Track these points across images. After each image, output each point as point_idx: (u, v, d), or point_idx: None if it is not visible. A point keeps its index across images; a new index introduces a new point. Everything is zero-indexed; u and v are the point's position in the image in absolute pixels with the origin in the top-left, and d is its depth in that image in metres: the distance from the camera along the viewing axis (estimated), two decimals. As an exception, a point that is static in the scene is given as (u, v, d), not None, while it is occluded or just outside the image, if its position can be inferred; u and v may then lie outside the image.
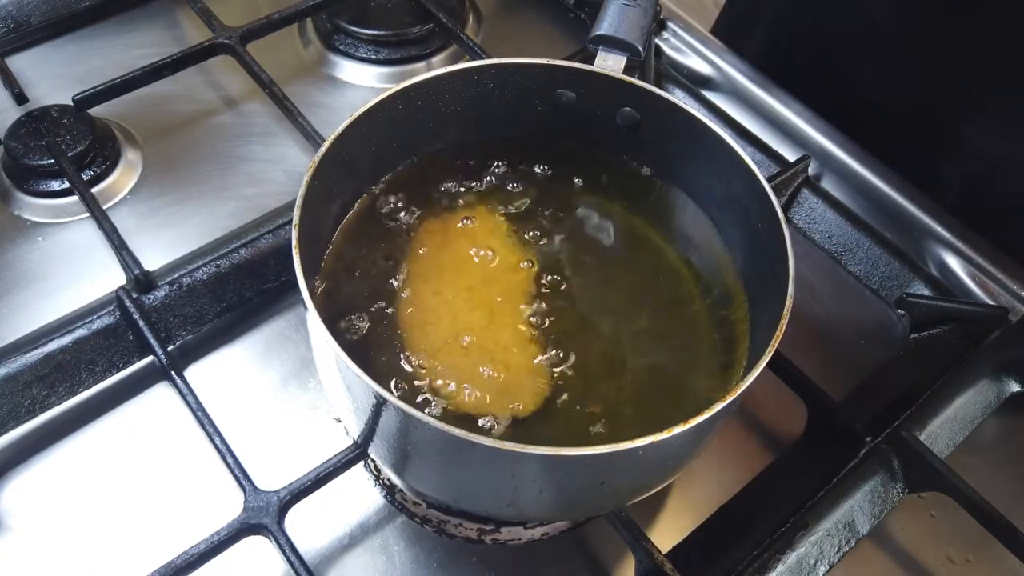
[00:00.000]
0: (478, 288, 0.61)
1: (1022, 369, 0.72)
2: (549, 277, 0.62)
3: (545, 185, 0.68)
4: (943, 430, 0.68)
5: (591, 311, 0.61)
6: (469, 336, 0.59)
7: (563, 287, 0.62)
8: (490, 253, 0.63)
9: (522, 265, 0.63)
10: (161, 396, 0.68)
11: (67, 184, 0.77)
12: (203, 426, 0.61)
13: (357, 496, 0.65)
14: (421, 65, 0.93)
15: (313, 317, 0.50)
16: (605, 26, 0.65)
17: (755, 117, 0.91)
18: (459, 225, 0.65)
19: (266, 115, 0.87)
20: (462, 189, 0.67)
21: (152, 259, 0.72)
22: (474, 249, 0.64)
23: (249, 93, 0.88)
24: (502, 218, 0.66)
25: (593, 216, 0.66)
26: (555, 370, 0.58)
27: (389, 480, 0.66)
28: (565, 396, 0.57)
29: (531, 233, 0.65)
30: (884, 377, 0.74)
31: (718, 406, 0.49)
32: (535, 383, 0.57)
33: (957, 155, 0.82)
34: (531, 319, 0.60)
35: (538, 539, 0.64)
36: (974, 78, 0.78)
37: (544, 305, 0.61)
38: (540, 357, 0.58)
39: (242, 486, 0.59)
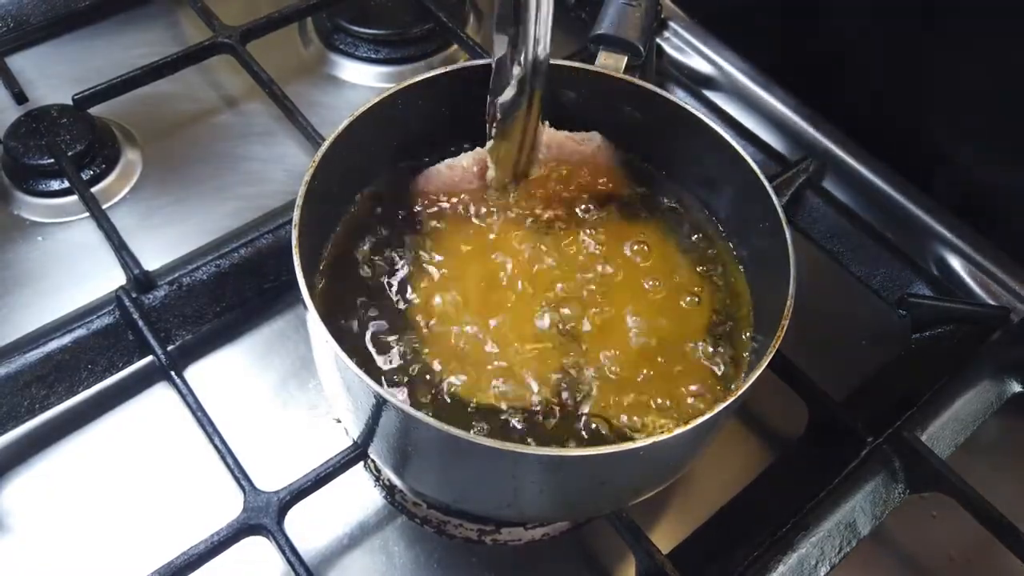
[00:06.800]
0: (480, 287, 0.61)
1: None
2: (551, 277, 0.62)
3: (546, 185, 0.68)
4: (944, 430, 0.67)
5: (593, 310, 0.61)
6: (471, 335, 0.59)
7: (565, 286, 0.62)
8: (490, 252, 0.63)
9: (522, 264, 0.63)
10: (161, 396, 0.68)
11: (67, 184, 0.77)
12: (203, 426, 0.61)
13: (357, 496, 0.65)
14: (421, 65, 0.93)
15: (313, 317, 0.50)
16: (606, 26, 0.65)
17: (756, 117, 0.91)
18: (459, 224, 0.65)
19: (266, 115, 0.87)
20: (463, 188, 0.67)
21: (152, 259, 0.72)
22: (475, 248, 0.63)
23: (249, 92, 0.88)
24: (503, 217, 0.65)
25: (595, 215, 0.66)
26: (560, 369, 0.58)
27: (389, 480, 0.65)
28: (570, 396, 0.57)
29: (532, 232, 0.65)
30: (885, 377, 0.74)
31: (719, 407, 0.49)
32: (540, 382, 0.57)
33: (957, 155, 0.81)
34: (533, 318, 0.60)
35: (538, 539, 0.64)
36: (973, 78, 0.78)
37: (546, 304, 0.61)
38: (544, 357, 0.58)
39: (242, 486, 0.59)
